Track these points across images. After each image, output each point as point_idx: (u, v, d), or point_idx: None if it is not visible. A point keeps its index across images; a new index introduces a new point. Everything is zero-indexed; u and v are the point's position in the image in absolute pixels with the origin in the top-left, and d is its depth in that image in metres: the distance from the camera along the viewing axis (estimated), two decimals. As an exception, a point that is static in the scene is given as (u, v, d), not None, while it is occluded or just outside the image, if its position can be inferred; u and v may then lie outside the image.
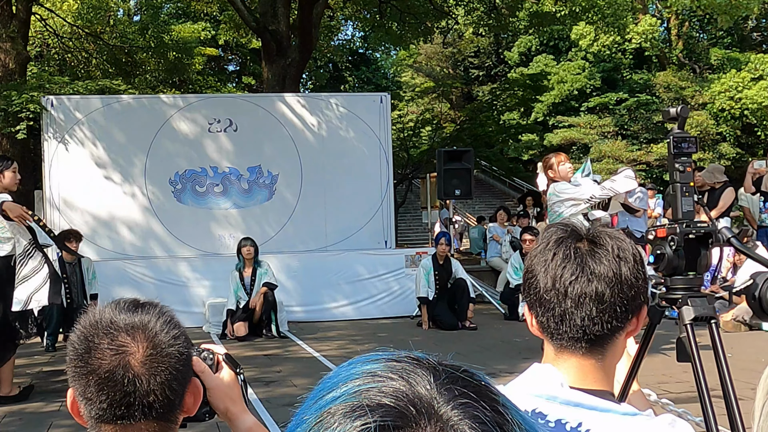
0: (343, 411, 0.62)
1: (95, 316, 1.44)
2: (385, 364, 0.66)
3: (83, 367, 1.40)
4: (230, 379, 1.70)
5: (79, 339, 1.42)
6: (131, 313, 1.44)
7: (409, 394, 0.63)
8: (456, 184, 12.67)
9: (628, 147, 30.75)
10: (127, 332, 1.41)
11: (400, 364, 0.66)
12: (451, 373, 0.66)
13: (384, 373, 0.65)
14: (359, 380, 0.65)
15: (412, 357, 0.67)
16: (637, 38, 29.63)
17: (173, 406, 1.45)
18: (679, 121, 2.77)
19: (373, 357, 0.68)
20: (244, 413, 1.70)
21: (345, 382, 0.65)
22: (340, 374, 0.67)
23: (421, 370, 0.65)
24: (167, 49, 20.71)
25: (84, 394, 1.41)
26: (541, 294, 1.47)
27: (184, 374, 1.47)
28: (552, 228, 1.53)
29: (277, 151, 12.63)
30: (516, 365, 7.23)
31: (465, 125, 27.21)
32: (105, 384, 1.38)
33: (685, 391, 5.85)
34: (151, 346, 1.41)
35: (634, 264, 1.46)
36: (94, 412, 1.41)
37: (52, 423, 5.84)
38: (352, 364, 0.68)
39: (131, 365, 1.39)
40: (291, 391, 6.78)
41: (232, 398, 1.68)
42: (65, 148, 11.98)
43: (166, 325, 1.44)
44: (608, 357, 1.49)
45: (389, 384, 0.63)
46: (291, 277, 11.50)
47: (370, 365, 0.67)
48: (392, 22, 20.68)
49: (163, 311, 1.47)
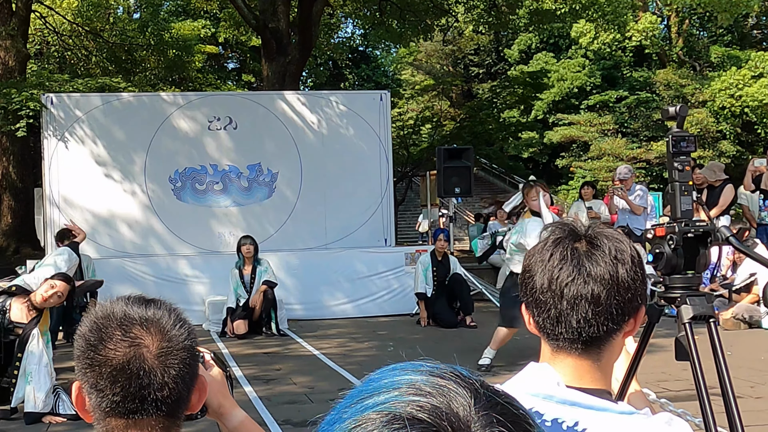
0: (381, 420, 0.64)
1: (107, 308, 1.43)
2: (428, 378, 0.67)
3: (95, 358, 1.39)
4: (220, 377, 1.75)
5: (91, 330, 1.41)
6: (143, 308, 1.44)
7: (447, 413, 0.64)
8: (456, 181, 12.67)
9: (628, 145, 30.75)
10: (141, 325, 1.41)
11: (443, 381, 0.67)
12: (492, 397, 0.67)
13: (426, 387, 0.66)
14: (401, 390, 0.66)
15: (456, 373, 0.69)
16: (638, 36, 29.64)
17: (181, 403, 1.45)
18: (678, 120, 2.77)
19: (417, 366, 0.69)
20: (235, 408, 1.75)
21: (388, 390, 0.67)
22: (384, 379, 0.68)
23: (463, 390, 0.66)
24: (167, 46, 20.72)
25: (96, 385, 1.40)
26: (538, 294, 1.47)
27: (194, 370, 1.48)
28: (551, 227, 1.53)
29: (277, 148, 12.63)
30: (514, 364, 7.23)
31: (465, 123, 27.23)
32: (119, 375, 1.38)
33: (684, 389, 5.85)
34: (165, 340, 1.41)
35: (631, 265, 1.45)
36: (106, 404, 1.40)
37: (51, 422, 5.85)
38: (396, 371, 0.69)
39: (145, 358, 1.39)
40: (291, 389, 6.78)
41: (224, 394, 1.73)
42: (65, 145, 11.97)
43: (178, 320, 1.45)
44: (605, 357, 1.48)
45: (429, 399, 0.65)
46: (291, 275, 11.50)
47: (415, 376, 0.68)
48: (392, 20, 20.68)
49: (172, 307, 1.48)
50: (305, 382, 7.01)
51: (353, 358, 8.11)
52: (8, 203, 15.10)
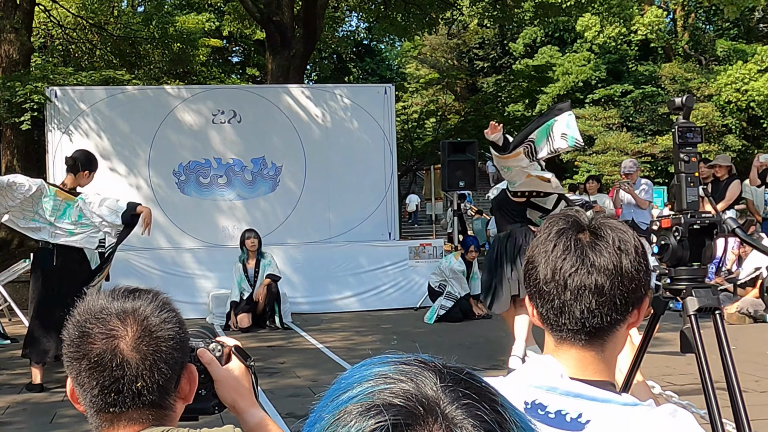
0: (358, 410, 0.68)
1: (89, 303, 1.45)
2: (395, 367, 0.72)
3: (76, 353, 1.41)
4: (239, 372, 1.67)
5: (74, 326, 1.43)
6: (124, 300, 1.45)
7: (417, 395, 0.68)
8: (460, 175, 12.65)
9: (633, 139, 30.67)
10: (118, 317, 1.42)
11: (409, 367, 0.72)
12: (455, 375, 0.72)
13: (395, 375, 0.71)
14: (372, 381, 0.71)
15: (420, 360, 0.73)
16: (643, 30, 29.51)
17: (165, 392, 1.44)
18: (684, 111, 2.75)
19: (384, 359, 0.74)
20: (253, 407, 1.67)
21: (360, 383, 0.71)
22: (354, 375, 0.73)
23: (428, 372, 0.71)
24: (172, 40, 20.68)
25: (77, 380, 1.42)
26: (541, 285, 1.46)
27: (176, 358, 1.45)
28: (554, 218, 1.52)
29: (281, 142, 12.61)
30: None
31: (469, 117, 27.16)
32: (95, 369, 1.39)
33: (688, 383, 5.84)
34: (140, 329, 1.41)
35: (635, 256, 1.45)
36: (88, 399, 1.41)
37: (57, 413, 5.86)
38: (365, 366, 0.74)
39: (120, 349, 1.39)
40: (295, 382, 6.78)
41: (239, 392, 1.65)
42: (69, 139, 11.97)
43: (158, 308, 1.44)
44: (608, 349, 1.48)
45: (399, 386, 0.69)
46: (295, 269, 11.50)
47: (382, 367, 0.72)
48: (397, 13, 20.62)
49: (157, 296, 1.47)
50: (309, 376, 7.01)
51: (357, 351, 8.10)
52: (13, 196, 15.09)
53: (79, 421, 5.58)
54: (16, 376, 7.33)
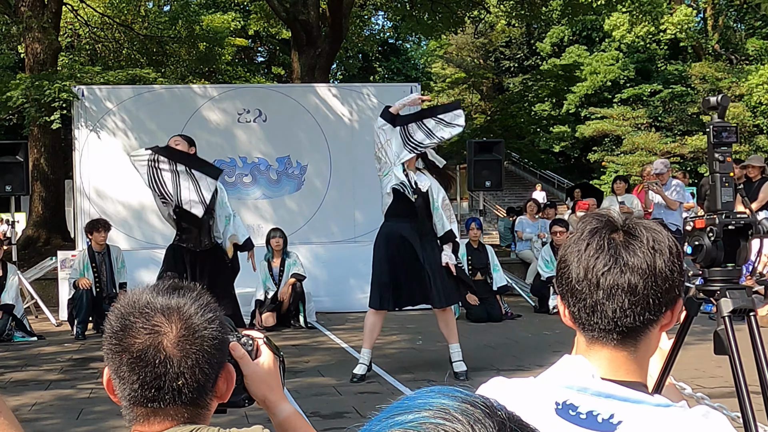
0: None
1: (134, 297, 1.47)
2: (460, 404, 0.70)
3: (117, 345, 1.42)
4: (269, 366, 1.68)
5: (116, 318, 1.44)
6: (169, 296, 1.46)
7: None
8: (486, 175, 12.57)
9: (662, 139, 30.43)
10: (162, 313, 1.43)
11: (473, 409, 0.70)
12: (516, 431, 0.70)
13: (455, 414, 0.69)
14: (431, 412, 0.69)
15: (487, 404, 0.71)
16: (672, 29, 29.22)
17: (203, 391, 1.46)
18: (719, 111, 2.70)
19: (452, 391, 0.73)
20: (282, 401, 1.69)
21: (420, 410, 0.70)
22: (418, 399, 0.72)
23: (489, 421, 0.69)
24: (198, 39, 20.81)
25: (117, 372, 1.44)
26: (573, 284, 1.44)
27: (217, 358, 1.47)
28: (587, 218, 1.51)
29: (307, 141, 12.62)
30: (546, 358, 7.15)
31: (496, 116, 27.09)
32: (137, 363, 1.41)
33: (718, 386, 5.75)
34: (184, 328, 1.43)
35: (669, 256, 1.43)
36: (127, 392, 1.43)
37: (83, 410, 5.88)
38: (432, 393, 0.73)
39: (164, 345, 1.41)
40: (319, 381, 6.77)
41: (269, 386, 1.67)
42: (97, 137, 12.06)
43: (202, 308, 1.46)
44: (641, 349, 1.45)
45: (455, 426, 0.68)
46: (319, 268, 11.49)
47: (447, 400, 0.71)
48: (423, 12, 20.57)
49: (200, 295, 1.49)
50: (334, 375, 6.99)
51: (381, 351, 8.07)
52: (39, 194, 15.25)
53: (105, 417, 5.60)
54: (43, 372, 7.38)
